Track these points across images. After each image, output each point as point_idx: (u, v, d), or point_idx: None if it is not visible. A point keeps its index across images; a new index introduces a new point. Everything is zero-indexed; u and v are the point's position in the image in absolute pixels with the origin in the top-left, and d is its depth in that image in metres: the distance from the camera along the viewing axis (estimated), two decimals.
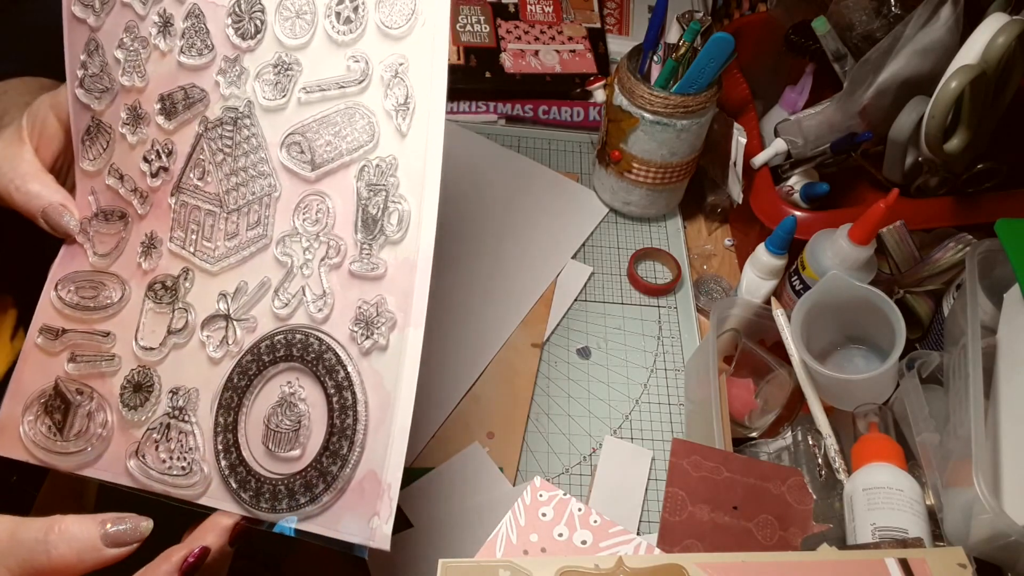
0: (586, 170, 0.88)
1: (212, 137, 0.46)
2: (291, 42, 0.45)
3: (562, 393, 0.70)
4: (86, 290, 0.49)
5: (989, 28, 0.57)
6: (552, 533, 0.45)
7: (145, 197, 0.49)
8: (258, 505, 0.42)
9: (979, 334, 0.54)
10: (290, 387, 0.43)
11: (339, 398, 0.42)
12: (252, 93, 0.46)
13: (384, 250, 0.43)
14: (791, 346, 0.62)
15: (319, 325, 0.43)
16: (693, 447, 0.56)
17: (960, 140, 0.61)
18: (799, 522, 0.54)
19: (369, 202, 0.43)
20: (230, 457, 0.43)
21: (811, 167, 0.74)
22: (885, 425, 0.57)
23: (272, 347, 0.43)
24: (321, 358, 0.42)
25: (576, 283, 0.77)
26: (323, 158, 0.44)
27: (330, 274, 0.44)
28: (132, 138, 0.48)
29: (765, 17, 0.86)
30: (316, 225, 0.44)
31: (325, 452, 0.41)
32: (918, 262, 0.66)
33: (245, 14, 0.46)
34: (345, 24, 0.44)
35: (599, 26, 0.98)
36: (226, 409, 0.44)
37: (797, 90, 0.79)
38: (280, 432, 0.43)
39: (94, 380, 0.47)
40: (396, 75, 0.43)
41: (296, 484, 0.41)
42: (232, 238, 0.46)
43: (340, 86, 0.44)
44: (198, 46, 0.46)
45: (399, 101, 0.43)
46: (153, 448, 0.45)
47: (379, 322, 0.42)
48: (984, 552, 0.48)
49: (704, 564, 0.42)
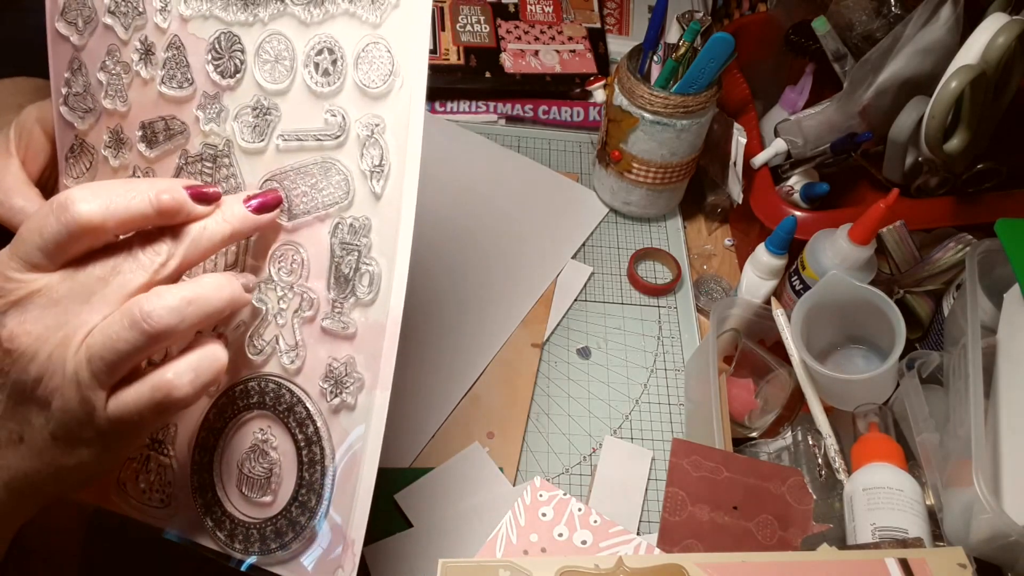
0: (586, 170, 0.88)
1: (192, 172, 0.45)
2: (270, 87, 0.44)
3: (562, 393, 0.70)
4: None
5: (989, 28, 0.57)
6: (552, 533, 0.45)
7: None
8: (232, 545, 0.43)
9: (979, 334, 0.54)
10: (262, 434, 0.44)
11: (308, 452, 0.43)
12: (231, 133, 0.45)
13: (355, 311, 0.43)
14: (791, 346, 0.62)
15: (291, 377, 0.43)
16: (693, 447, 0.56)
17: (960, 140, 0.61)
18: (799, 522, 0.54)
19: (342, 261, 0.43)
20: (206, 496, 0.44)
21: (811, 167, 0.74)
22: (885, 425, 0.57)
23: (246, 392, 0.44)
24: (292, 410, 0.43)
25: (576, 283, 0.77)
26: (299, 209, 0.44)
27: (303, 327, 0.43)
28: (114, 162, 0.47)
29: (765, 17, 0.86)
30: (291, 275, 0.44)
31: (295, 503, 0.43)
32: (918, 262, 0.66)
33: (225, 52, 0.45)
34: (324, 76, 0.43)
35: (599, 26, 0.98)
36: (202, 448, 0.44)
37: (797, 90, 0.79)
38: (253, 478, 0.44)
39: None
40: (372, 135, 0.43)
41: (267, 530, 0.43)
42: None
43: (317, 138, 0.44)
44: (179, 78, 0.45)
45: (374, 163, 0.42)
46: (133, 477, 0.45)
47: (348, 382, 0.42)
48: (984, 552, 0.48)
49: (704, 564, 0.42)
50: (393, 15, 0.41)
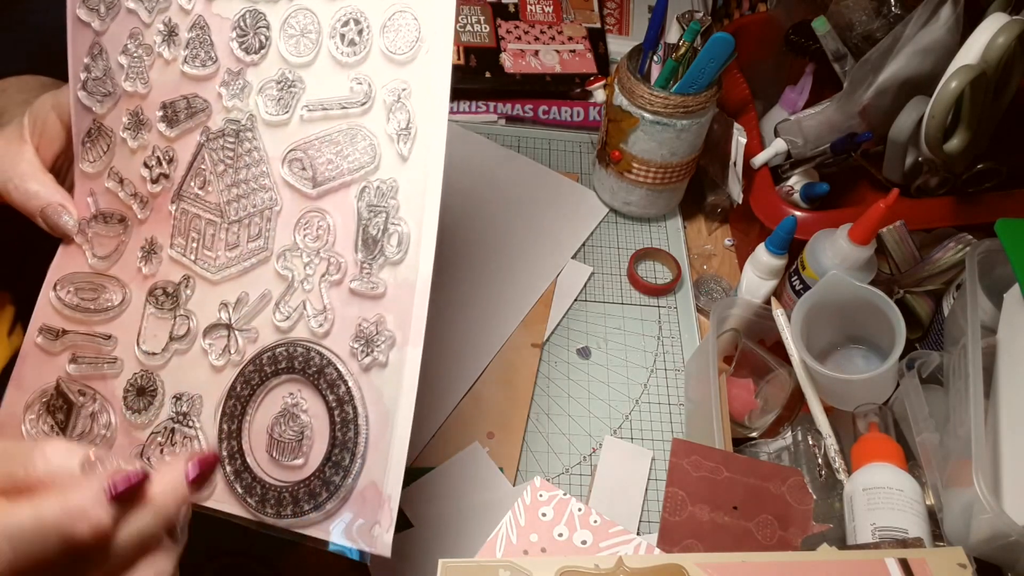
0: (586, 170, 0.88)
1: (214, 148, 0.47)
2: (295, 59, 0.46)
3: (562, 393, 0.70)
4: (86, 292, 0.49)
5: (989, 28, 0.57)
6: (552, 533, 0.45)
7: (145, 202, 0.49)
8: (263, 510, 0.43)
9: (979, 334, 0.54)
10: (292, 398, 0.44)
11: (340, 412, 0.43)
12: (255, 107, 0.46)
13: (384, 270, 0.43)
14: (791, 346, 0.62)
15: (320, 340, 0.44)
16: (693, 447, 0.56)
17: (960, 140, 0.61)
18: (799, 522, 0.54)
19: (369, 223, 0.44)
20: (235, 463, 0.44)
21: (811, 167, 0.74)
22: (885, 425, 0.57)
23: (274, 359, 0.44)
24: (322, 372, 0.43)
25: (576, 283, 0.77)
26: (324, 176, 0.45)
27: (330, 290, 0.44)
28: (133, 143, 0.49)
29: (765, 17, 0.86)
30: (317, 241, 0.45)
31: (328, 463, 0.43)
32: (918, 262, 0.66)
33: (250, 29, 0.46)
34: (349, 46, 0.45)
35: (599, 26, 0.98)
36: (230, 417, 0.45)
37: (797, 90, 0.79)
38: (283, 442, 0.44)
39: (96, 382, 0.48)
40: (399, 100, 0.44)
41: (300, 492, 0.43)
42: (233, 248, 0.47)
43: (343, 106, 0.45)
44: (201, 57, 0.47)
45: (401, 126, 0.44)
46: (158, 451, 0.46)
47: (379, 340, 0.43)
48: (984, 552, 0.48)
49: (704, 564, 0.42)
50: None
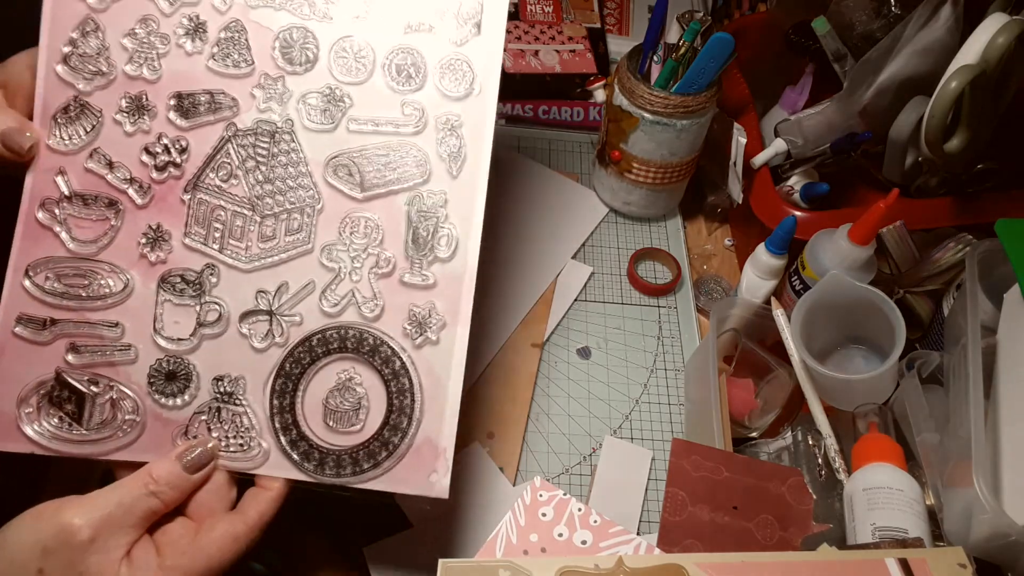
0: (586, 170, 0.88)
1: (242, 144, 0.49)
2: (345, 79, 0.49)
3: (562, 393, 0.70)
4: (71, 278, 0.48)
5: (989, 28, 0.57)
6: (552, 533, 0.45)
7: (146, 188, 0.49)
8: (323, 472, 0.48)
9: (979, 334, 0.54)
10: (347, 374, 0.49)
11: (396, 383, 0.48)
12: (295, 113, 0.49)
13: (434, 265, 0.49)
14: (791, 346, 0.62)
15: (371, 323, 0.49)
16: (693, 447, 0.56)
17: (960, 140, 0.61)
18: (799, 522, 0.54)
19: (420, 226, 0.49)
20: (290, 434, 0.48)
21: (811, 167, 0.74)
22: (885, 425, 0.57)
23: (325, 340, 0.49)
24: (376, 350, 0.49)
25: (576, 283, 0.77)
26: (372, 182, 0.49)
27: (379, 281, 0.49)
28: (129, 127, 0.49)
29: (765, 17, 0.86)
30: (364, 239, 0.49)
31: (386, 427, 0.48)
32: (918, 262, 0.66)
33: (295, 44, 0.49)
34: (405, 78, 0.49)
35: (599, 26, 0.98)
36: (280, 394, 0.48)
37: (797, 90, 0.79)
38: (340, 411, 0.48)
39: (104, 368, 0.48)
40: (451, 128, 0.50)
41: (360, 454, 0.48)
42: (268, 240, 0.49)
43: (395, 126, 0.50)
44: (234, 58, 0.49)
45: (452, 150, 0.50)
46: (205, 430, 0.48)
47: (431, 322, 0.49)
48: (984, 552, 0.48)
49: (704, 564, 0.42)
50: (475, 40, 0.50)
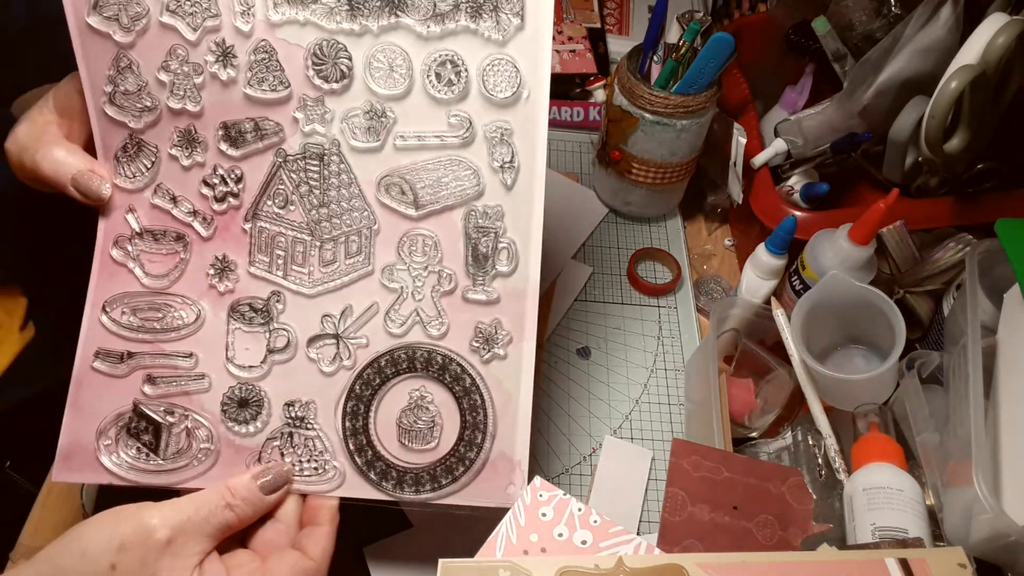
0: (586, 170, 0.88)
1: (294, 169, 0.48)
2: (384, 92, 0.47)
3: (562, 393, 0.70)
4: (146, 312, 0.49)
5: (989, 28, 0.57)
6: (552, 533, 0.45)
7: (209, 220, 0.49)
8: (402, 490, 0.48)
9: (979, 334, 0.54)
10: (418, 393, 0.49)
11: (468, 400, 0.49)
12: (339, 134, 0.48)
13: (496, 281, 0.49)
14: (791, 346, 0.62)
15: (437, 341, 0.49)
16: (693, 447, 0.56)
17: (960, 140, 0.61)
18: (799, 522, 0.54)
19: (479, 241, 0.49)
20: (365, 455, 0.49)
21: (811, 167, 0.74)
22: (885, 425, 0.57)
23: (393, 361, 0.49)
24: (446, 368, 0.49)
25: (576, 283, 0.77)
26: (426, 200, 0.48)
27: (442, 299, 0.49)
28: (185, 160, 0.48)
29: (765, 17, 0.86)
30: (424, 257, 0.49)
31: (461, 442, 0.48)
32: (918, 262, 0.66)
33: (328, 58, 0.47)
34: (446, 85, 0.47)
35: (599, 26, 0.98)
36: (352, 415, 0.49)
37: (797, 90, 0.79)
38: (414, 430, 0.49)
39: (179, 398, 0.48)
40: (502, 138, 0.48)
41: (438, 470, 0.48)
42: (329, 265, 0.49)
43: (441, 139, 0.48)
44: (270, 81, 0.47)
45: (505, 160, 0.48)
46: (278, 455, 0.48)
47: (498, 338, 0.49)
48: (984, 552, 0.48)
49: (704, 564, 0.42)
50: (518, 36, 0.46)
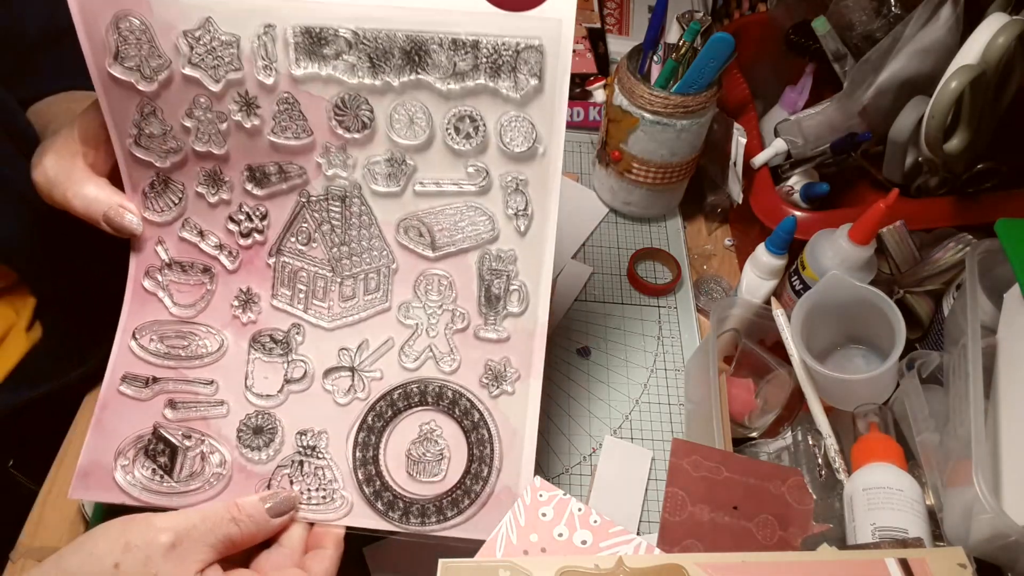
0: (586, 170, 0.88)
1: (317, 209, 0.50)
2: (404, 143, 0.49)
3: (562, 393, 0.70)
4: (172, 339, 0.51)
5: (989, 28, 0.57)
6: (552, 533, 0.45)
7: (235, 254, 0.51)
8: (407, 521, 0.49)
9: (979, 334, 0.54)
10: (428, 426, 0.50)
11: (476, 434, 0.50)
12: (361, 178, 0.50)
13: (506, 320, 0.51)
14: (791, 346, 0.62)
15: (449, 376, 0.51)
16: (693, 447, 0.56)
17: (960, 140, 0.61)
18: (799, 522, 0.54)
19: (491, 283, 0.51)
20: (374, 485, 0.49)
21: (811, 167, 0.74)
22: (885, 425, 0.57)
23: (406, 394, 0.51)
24: (456, 403, 0.50)
25: (576, 283, 0.77)
26: (442, 242, 0.51)
27: (454, 336, 0.51)
28: (212, 198, 0.50)
29: (765, 17, 0.86)
30: (439, 296, 0.51)
31: (468, 475, 0.49)
32: (918, 262, 0.66)
33: (350, 110, 0.48)
34: (465, 139, 0.49)
35: (599, 26, 0.98)
36: (363, 446, 0.50)
37: (797, 90, 0.79)
38: (424, 461, 0.50)
39: (197, 423, 0.50)
40: (516, 188, 0.50)
41: (444, 502, 0.49)
42: (348, 300, 0.51)
43: (459, 186, 0.50)
44: (294, 129, 0.49)
45: (519, 207, 0.50)
46: (287, 482, 0.49)
47: (507, 375, 0.51)
48: (984, 552, 0.48)
49: (704, 564, 0.42)
50: (537, 97, 0.48)
